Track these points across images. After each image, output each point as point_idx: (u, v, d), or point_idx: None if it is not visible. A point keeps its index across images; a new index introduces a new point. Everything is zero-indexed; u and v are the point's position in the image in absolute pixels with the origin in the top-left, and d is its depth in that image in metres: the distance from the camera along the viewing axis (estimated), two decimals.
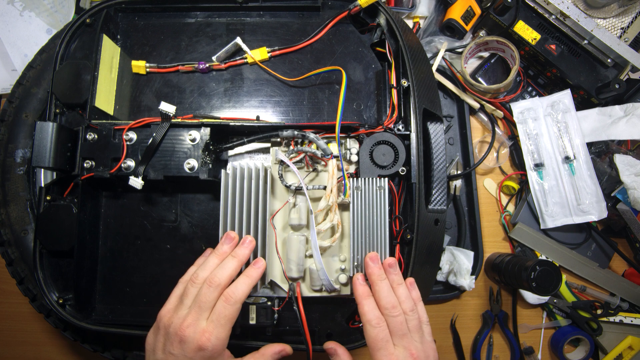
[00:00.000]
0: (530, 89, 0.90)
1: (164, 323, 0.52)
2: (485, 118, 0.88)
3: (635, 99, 0.83)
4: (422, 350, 0.54)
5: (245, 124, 0.62)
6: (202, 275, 0.54)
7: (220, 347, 0.51)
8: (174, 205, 0.66)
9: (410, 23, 0.89)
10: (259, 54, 0.68)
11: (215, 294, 0.52)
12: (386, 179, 0.61)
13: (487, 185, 0.88)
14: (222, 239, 0.58)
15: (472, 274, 0.80)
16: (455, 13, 0.84)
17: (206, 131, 0.61)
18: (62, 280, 0.64)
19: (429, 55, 0.85)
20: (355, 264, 0.59)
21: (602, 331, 0.82)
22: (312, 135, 0.61)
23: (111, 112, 0.65)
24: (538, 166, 0.83)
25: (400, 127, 0.63)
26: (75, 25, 0.68)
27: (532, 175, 0.84)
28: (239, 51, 0.69)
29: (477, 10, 0.85)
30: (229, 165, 0.61)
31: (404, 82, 0.64)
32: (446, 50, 0.86)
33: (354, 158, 0.63)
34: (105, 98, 0.64)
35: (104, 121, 0.62)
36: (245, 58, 0.68)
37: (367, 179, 0.61)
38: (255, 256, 0.59)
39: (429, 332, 0.57)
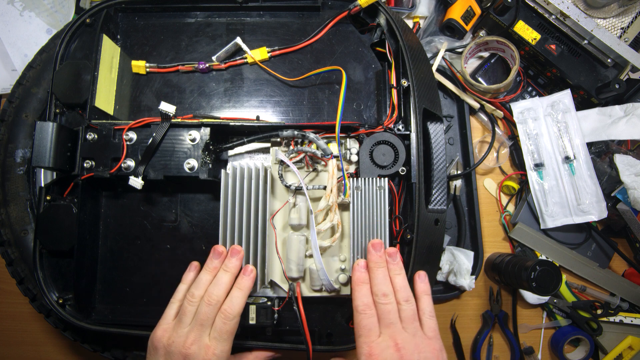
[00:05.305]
0: (530, 89, 0.89)
1: (163, 343, 0.53)
2: (485, 118, 0.88)
3: (635, 99, 0.82)
4: (411, 343, 0.49)
5: (245, 124, 0.62)
6: (198, 293, 0.55)
7: None
8: (174, 205, 0.66)
9: (410, 23, 0.89)
10: (259, 54, 0.68)
11: (214, 311, 0.53)
12: (386, 178, 0.61)
13: (487, 185, 0.88)
14: (210, 254, 0.58)
15: (472, 274, 0.80)
16: (455, 13, 0.84)
17: (206, 131, 0.61)
18: (62, 280, 0.64)
19: (429, 55, 0.85)
20: None
21: (602, 331, 0.82)
22: (312, 135, 0.61)
23: (111, 112, 0.65)
24: (538, 166, 0.83)
25: (400, 127, 0.63)
26: (75, 25, 0.68)
27: (532, 175, 0.83)
28: (239, 51, 0.69)
29: (477, 10, 0.85)
30: (229, 165, 0.61)
31: (404, 82, 0.64)
32: (446, 50, 0.86)
33: (354, 158, 0.63)
34: (105, 98, 0.64)
35: (104, 121, 0.62)
36: (245, 58, 0.68)
37: (367, 179, 0.61)
38: (255, 257, 0.59)
39: (432, 328, 0.53)
